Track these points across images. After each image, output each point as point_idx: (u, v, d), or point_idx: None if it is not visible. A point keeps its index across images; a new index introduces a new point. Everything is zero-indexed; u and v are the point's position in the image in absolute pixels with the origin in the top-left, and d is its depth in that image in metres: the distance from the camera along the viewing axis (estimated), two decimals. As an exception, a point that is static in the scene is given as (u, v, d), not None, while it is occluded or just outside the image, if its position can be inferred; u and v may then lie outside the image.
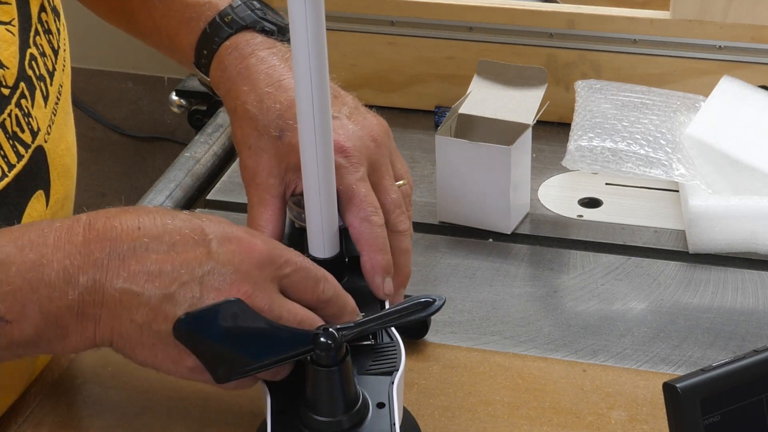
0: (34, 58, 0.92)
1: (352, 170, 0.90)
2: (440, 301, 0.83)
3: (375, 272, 0.89)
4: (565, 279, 1.13)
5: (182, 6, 1.02)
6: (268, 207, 0.92)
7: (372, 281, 0.89)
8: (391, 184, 0.93)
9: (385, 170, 0.93)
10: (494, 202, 1.18)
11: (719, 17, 1.29)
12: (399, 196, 0.93)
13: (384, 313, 0.83)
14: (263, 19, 1.00)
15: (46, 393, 0.97)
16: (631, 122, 1.21)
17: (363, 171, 0.91)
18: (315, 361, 0.81)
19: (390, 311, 0.83)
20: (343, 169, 0.90)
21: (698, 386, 0.74)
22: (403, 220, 0.93)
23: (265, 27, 1.01)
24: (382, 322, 0.83)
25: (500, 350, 1.03)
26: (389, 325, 0.84)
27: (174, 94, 1.50)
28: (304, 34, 0.78)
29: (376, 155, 0.93)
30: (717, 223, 1.13)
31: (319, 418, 0.82)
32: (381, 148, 0.93)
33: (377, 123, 0.95)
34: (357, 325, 0.82)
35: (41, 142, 0.91)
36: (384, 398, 0.84)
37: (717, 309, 1.08)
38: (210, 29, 0.99)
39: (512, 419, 0.94)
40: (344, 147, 0.91)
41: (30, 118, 0.90)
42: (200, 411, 0.95)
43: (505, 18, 1.34)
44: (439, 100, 1.37)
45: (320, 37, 0.79)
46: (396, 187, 0.94)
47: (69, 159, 0.97)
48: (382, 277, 0.89)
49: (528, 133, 1.18)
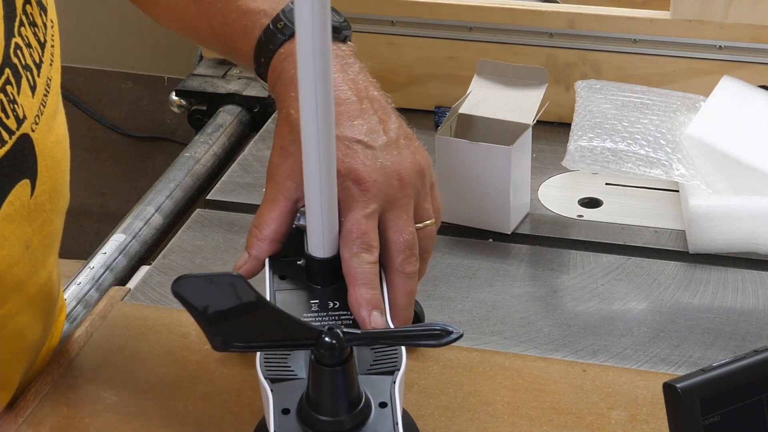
0: (20, 47, 0.91)
1: (362, 205, 0.89)
2: (457, 334, 0.81)
3: (360, 305, 0.87)
4: (565, 279, 1.13)
5: (239, 14, 1.02)
6: (276, 206, 0.91)
7: (357, 314, 0.88)
8: (407, 224, 0.91)
9: (404, 209, 0.91)
10: (494, 202, 1.18)
11: (719, 17, 1.29)
12: (413, 237, 0.91)
13: (395, 331, 0.82)
14: None
15: (46, 393, 0.97)
16: (631, 122, 1.21)
17: (374, 208, 0.90)
18: (319, 360, 0.81)
19: (401, 330, 0.82)
20: (353, 201, 0.89)
21: (698, 386, 0.74)
22: (412, 261, 0.91)
23: None
24: (390, 338, 0.82)
25: (500, 350, 1.03)
26: (397, 343, 0.83)
27: (174, 94, 1.50)
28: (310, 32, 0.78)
29: (396, 193, 0.91)
30: (717, 223, 1.13)
31: (321, 417, 0.82)
32: (405, 187, 0.91)
33: (411, 161, 0.93)
34: (364, 334, 0.82)
35: (27, 131, 0.91)
36: (386, 398, 0.84)
37: (717, 309, 1.08)
38: (264, 37, 0.98)
39: (512, 419, 0.94)
40: (362, 179, 0.89)
41: (15, 105, 0.90)
42: (200, 411, 0.95)
43: (505, 18, 1.34)
44: (439, 100, 1.37)
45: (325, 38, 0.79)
46: (412, 228, 0.92)
47: (59, 153, 0.97)
48: (368, 311, 0.87)
49: (528, 133, 1.18)
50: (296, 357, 0.87)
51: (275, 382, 0.85)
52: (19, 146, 0.90)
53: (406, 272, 0.91)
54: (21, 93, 0.91)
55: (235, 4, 1.03)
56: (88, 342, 1.02)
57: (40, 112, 0.93)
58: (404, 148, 0.93)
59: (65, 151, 1.00)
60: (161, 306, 1.08)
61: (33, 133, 0.92)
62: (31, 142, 0.92)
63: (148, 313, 1.06)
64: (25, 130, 0.91)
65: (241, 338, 0.81)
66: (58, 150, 0.97)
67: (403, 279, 0.91)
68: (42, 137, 0.93)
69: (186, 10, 1.07)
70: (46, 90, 0.94)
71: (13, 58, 0.90)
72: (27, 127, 0.91)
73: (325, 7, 0.77)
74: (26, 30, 0.93)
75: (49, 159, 0.94)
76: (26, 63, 0.92)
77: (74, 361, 1.01)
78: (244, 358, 0.99)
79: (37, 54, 0.93)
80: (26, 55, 0.92)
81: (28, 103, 0.92)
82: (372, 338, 0.82)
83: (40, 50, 0.94)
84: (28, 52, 0.92)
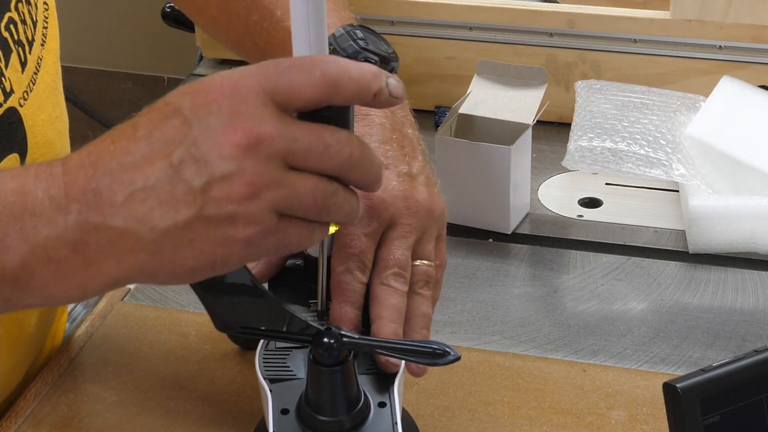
0: (14, 22, 0.91)
1: (365, 221, 0.87)
2: (454, 356, 0.80)
3: (339, 323, 0.86)
4: (565, 279, 1.13)
5: (285, 35, 1.02)
6: None
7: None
8: (402, 247, 0.89)
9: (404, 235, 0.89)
10: (494, 202, 1.18)
11: (719, 17, 1.29)
12: (406, 261, 0.88)
13: (392, 342, 0.82)
14: (365, 50, 1.00)
15: (46, 393, 0.97)
16: (631, 122, 1.21)
17: (375, 227, 0.88)
18: (317, 360, 0.81)
19: (399, 343, 0.82)
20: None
21: (698, 386, 0.74)
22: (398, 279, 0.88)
23: (369, 58, 1.00)
24: (386, 348, 0.82)
25: (500, 350, 1.03)
26: (392, 355, 0.82)
27: (174, 94, 1.50)
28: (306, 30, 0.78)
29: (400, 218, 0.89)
30: (717, 223, 1.13)
31: (320, 417, 0.82)
32: (411, 216, 0.89)
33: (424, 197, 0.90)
34: (360, 340, 0.81)
35: (14, 104, 0.91)
36: (385, 398, 0.84)
37: (717, 309, 1.08)
38: None
39: (512, 419, 0.94)
40: (370, 195, 0.87)
41: (2, 78, 0.90)
42: (200, 411, 0.95)
43: (505, 18, 1.34)
44: (439, 100, 1.37)
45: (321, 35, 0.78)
46: (407, 254, 0.89)
47: (52, 133, 0.97)
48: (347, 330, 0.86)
49: (528, 133, 1.18)
50: (295, 357, 0.87)
51: (274, 382, 0.85)
52: (6, 119, 0.90)
53: (391, 285, 0.87)
54: (9, 67, 0.90)
55: (281, 25, 1.03)
56: (88, 342, 1.02)
57: (29, 88, 0.93)
58: (422, 185, 0.92)
59: (59, 133, 0.99)
60: (161, 306, 1.08)
61: (21, 108, 0.92)
62: (19, 116, 0.92)
63: (148, 313, 1.06)
64: (12, 104, 0.91)
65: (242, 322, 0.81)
66: (50, 130, 0.96)
67: (386, 291, 0.87)
68: (31, 113, 0.93)
69: (231, 25, 1.07)
70: (37, 68, 0.94)
71: (4, 32, 0.90)
72: (14, 101, 0.91)
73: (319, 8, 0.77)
74: (23, 6, 0.93)
75: (39, 137, 0.94)
76: (18, 38, 0.92)
77: (74, 361, 1.01)
78: (244, 359, 0.99)
79: (30, 32, 0.93)
80: (20, 31, 0.92)
81: (16, 77, 0.91)
82: (368, 346, 0.82)
83: (33, 28, 0.94)
84: (22, 28, 0.92)
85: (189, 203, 0.70)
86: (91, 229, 0.71)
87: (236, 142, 0.70)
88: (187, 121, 0.71)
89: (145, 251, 0.71)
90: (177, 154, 0.71)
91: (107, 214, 0.71)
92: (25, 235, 0.72)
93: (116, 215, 0.71)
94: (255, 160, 0.70)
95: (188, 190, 0.70)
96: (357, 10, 1.37)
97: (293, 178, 0.71)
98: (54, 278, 0.73)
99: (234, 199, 0.71)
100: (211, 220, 0.71)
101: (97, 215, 0.71)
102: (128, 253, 0.72)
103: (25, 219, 0.72)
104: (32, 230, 0.72)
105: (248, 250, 0.72)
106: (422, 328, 0.89)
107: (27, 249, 0.72)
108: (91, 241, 0.71)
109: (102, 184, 0.71)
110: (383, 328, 0.86)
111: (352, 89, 0.73)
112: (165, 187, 0.71)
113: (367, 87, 0.73)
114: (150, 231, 0.71)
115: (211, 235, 0.71)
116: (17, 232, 0.72)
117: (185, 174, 0.70)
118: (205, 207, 0.71)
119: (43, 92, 0.95)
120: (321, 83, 0.72)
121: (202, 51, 1.53)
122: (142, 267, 0.72)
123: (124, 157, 0.72)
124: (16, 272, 0.72)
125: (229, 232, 0.71)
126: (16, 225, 0.72)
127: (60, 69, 1.00)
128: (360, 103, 0.73)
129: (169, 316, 1.05)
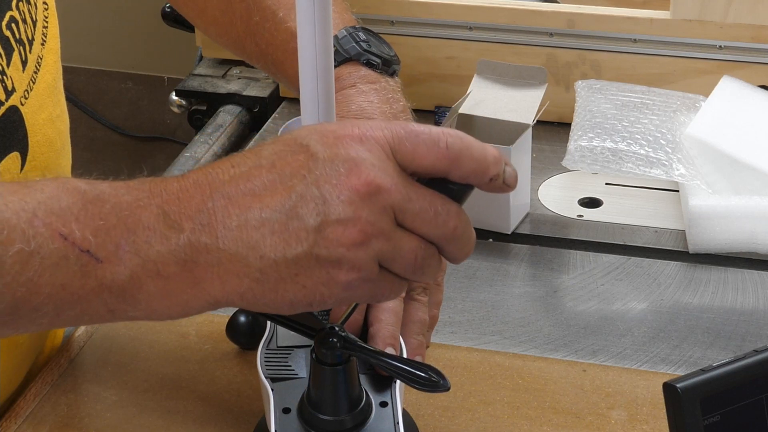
0: (15, 21, 0.91)
1: None
2: (444, 387, 0.80)
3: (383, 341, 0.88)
4: (565, 279, 1.13)
5: (288, 36, 1.02)
6: None
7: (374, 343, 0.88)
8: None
9: None
10: (494, 202, 1.18)
11: (719, 17, 1.29)
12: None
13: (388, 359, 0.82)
14: (367, 51, 1.00)
15: (46, 393, 0.97)
16: (631, 122, 1.21)
17: None
18: (320, 359, 0.81)
19: (396, 359, 0.82)
20: None
21: (698, 386, 0.74)
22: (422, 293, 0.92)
23: (371, 60, 1.00)
24: (383, 364, 0.82)
25: (500, 350, 1.03)
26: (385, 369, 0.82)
27: (174, 94, 1.50)
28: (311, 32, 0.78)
29: None
30: (717, 223, 1.13)
31: (322, 416, 0.82)
32: None
33: None
34: (358, 347, 0.82)
35: (16, 103, 0.91)
36: (387, 397, 0.84)
37: (717, 309, 1.08)
38: None
39: (512, 419, 0.94)
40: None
41: (5, 77, 0.90)
42: (200, 411, 0.95)
43: (505, 18, 1.34)
44: (439, 100, 1.37)
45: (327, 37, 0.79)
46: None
47: (52, 131, 0.97)
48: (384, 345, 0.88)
49: (528, 133, 1.18)
50: (297, 356, 0.87)
51: (276, 381, 0.85)
52: (8, 118, 0.90)
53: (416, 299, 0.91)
54: (11, 65, 0.91)
55: (283, 26, 1.03)
56: (88, 342, 1.02)
57: (30, 87, 0.93)
58: None
59: (59, 132, 0.99)
60: (161, 306, 1.08)
61: (22, 106, 0.92)
62: (21, 114, 0.92)
63: (148, 313, 1.06)
64: (13, 102, 0.91)
65: None
66: (50, 128, 0.96)
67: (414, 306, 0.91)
68: (32, 112, 0.93)
69: (232, 26, 1.07)
70: (37, 67, 0.94)
71: (5, 31, 0.90)
72: (16, 99, 0.91)
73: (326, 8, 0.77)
74: (24, 5, 0.93)
75: (40, 135, 0.94)
76: (20, 37, 0.92)
77: (74, 361, 1.01)
78: (244, 359, 0.99)
79: (30, 31, 0.94)
80: (21, 30, 0.92)
81: (17, 76, 0.92)
82: (365, 355, 0.82)
83: (33, 28, 0.94)
84: (23, 27, 0.92)
85: (301, 239, 0.72)
86: (202, 249, 0.72)
87: (357, 188, 0.72)
88: (314, 158, 0.72)
89: (250, 278, 0.72)
90: (298, 189, 0.72)
91: (220, 237, 0.72)
92: (137, 249, 0.73)
93: (228, 238, 0.72)
94: (371, 209, 0.72)
95: (303, 226, 0.72)
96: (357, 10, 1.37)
97: (401, 234, 0.73)
98: (160, 294, 0.74)
99: (345, 243, 0.72)
100: (320, 259, 0.72)
101: (209, 236, 0.72)
102: (234, 277, 0.73)
103: (138, 233, 0.73)
104: (144, 244, 0.73)
105: (346, 293, 0.74)
106: (417, 334, 0.90)
107: (138, 262, 0.73)
108: (201, 260, 0.73)
109: (218, 206, 0.72)
110: (381, 331, 0.87)
111: (471, 168, 0.74)
112: (280, 219, 0.72)
113: (486, 169, 0.74)
114: (259, 259, 0.72)
115: (316, 274, 0.72)
116: (130, 245, 0.73)
117: (302, 210, 0.72)
118: (315, 246, 0.72)
119: (43, 91, 0.95)
120: (443, 155, 0.73)
121: (202, 51, 1.53)
122: (244, 292, 0.73)
123: (244, 183, 0.73)
124: (124, 284, 0.73)
125: (333, 274, 0.73)
126: (129, 238, 0.73)
127: (61, 68, 1.00)
128: (474, 182, 0.75)
129: (169, 316, 1.05)
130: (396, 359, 0.81)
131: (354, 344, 0.81)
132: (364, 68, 1.00)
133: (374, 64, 1.01)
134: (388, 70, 1.02)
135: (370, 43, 1.01)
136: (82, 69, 2.55)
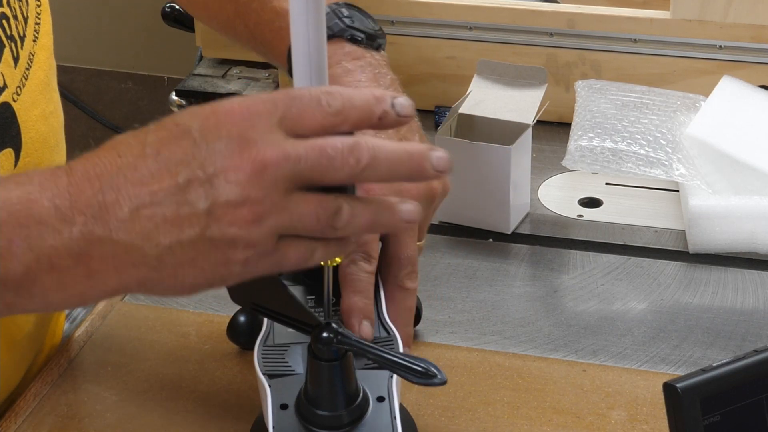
0: (6, 17, 0.92)
1: None
2: (440, 380, 0.80)
3: (351, 313, 0.87)
4: (565, 279, 1.13)
5: (273, 15, 1.02)
6: None
7: (347, 321, 0.88)
8: (412, 240, 0.91)
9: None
10: (494, 202, 1.18)
11: (719, 17, 1.29)
12: (416, 254, 0.92)
13: (384, 353, 0.82)
14: (351, 27, 0.99)
15: (46, 393, 0.97)
16: (631, 122, 1.21)
17: None
18: (316, 355, 0.81)
19: (391, 355, 0.82)
20: None
21: (698, 386, 0.74)
22: (413, 278, 0.92)
23: (355, 36, 1.00)
24: (378, 357, 0.82)
25: (500, 350, 1.03)
26: (381, 364, 0.82)
27: (174, 94, 1.50)
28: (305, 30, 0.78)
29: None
30: (717, 223, 1.13)
31: (320, 412, 0.82)
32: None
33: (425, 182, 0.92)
34: (355, 342, 0.82)
35: (8, 99, 0.91)
36: (384, 392, 0.85)
37: (717, 309, 1.08)
38: None
39: (512, 419, 0.94)
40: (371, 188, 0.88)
41: None
42: (200, 411, 0.95)
43: (505, 18, 1.34)
44: (439, 100, 1.37)
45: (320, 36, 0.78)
46: (415, 244, 0.92)
47: (45, 128, 0.97)
48: (359, 319, 0.87)
49: (528, 133, 1.18)
50: (294, 353, 0.87)
51: (273, 377, 0.85)
52: (1, 114, 0.90)
53: (407, 287, 0.91)
54: (2, 62, 0.91)
55: (270, 5, 1.03)
56: (88, 342, 1.03)
57: (22, 84, 0.93)
58: None
59: (53, 129, 0.99)
60: (161, 306, 1.08)
61: (14, 103, 0.92)
62: (13, 111, 0.92)
63: (148, 313, 1.06)
64: (5, 99, 0.91)
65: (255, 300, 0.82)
66: (43, 125, 0.96)
67: (403, 294, 0.91)
68: (24, 109, 0.93)
69: (222, 9, 1.07)
70: (29, 64, 0.95)
71: None
72: (8, 96, 0.91)
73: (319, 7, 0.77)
74: (15, 2, 0.93)
75: (33, 132, 0.94)
76: (11, 34, 0.92)
77: (74, 361, 1.01)
78: (244, 359, 0.99)
79: (22, 27, 0.94)
80: (12, 26, 0.92)
81: (9, 72, 0.92)
82: (361, 349, 0.82)
83: (24, 24, 0.94)
84: (14, 23, 0.92)
85: (193, 224, 0.72)
86: (95, 241, 0.72)
87: (242, 168, 0.71)
88: (196, 144, 0.72)
89: (147, 266, 0.73)
90: (184, 174, 0.72)
91: (113, 228, 0.72)
92: (30, 243, 0.73)
93: (121, 230, 0.72)
94: (259, 187, 0.72)
95: (193, 211, 0.72)
96: (357, 10, 1.37)
97: (296, 201, 0.72)
98: (56, 286, 0.74)
99: (236, 223, 0.72)
100: (213, 241, 0.72)
101: (102, 228, 0.72)
102: (130, 267, 0.73)
103: (30, 227, 0.73)
104: (37, 239, 0.73)
105: (245, 270, 0.74)
106: (406, 325, 0.91)
107: (32, 257, 0.73)
108: (95, 253, 0.73)
109: (108, 198, 0.72)
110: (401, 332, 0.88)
111: (357, 116, 0.74)
112: (171, 206, 0.72)
113: (370, 112, 0.74)
114: (154, 247, 0.72)
115: (212, 256, 0.73)
116: (22, 240, 0.73)
117: (191, 195, 0.72)
118: (208, 229, 0.72)
119: (36, 88, 0.95)
120: (328, 113, 0.73)
121: (202, 51, 1.53)
122: (142, 280, 0.73)
123: (131, 173, 0.73)
124: (19, 279, 0.73)
125: (229, 254, 0.73)
126: (22, 233, 0.73)
127: (54, 65, 1.00)
128: (368, 127, 0.74)
129: (169, 316, 1.05)
130: (391, 353, 0.82)
131: (350, 339, 0.81)
132: (349, 44, 1.00)
133: (359, 39, 1.00)
134: (372, 44, 1.01)
135: (353, 18, 1.01)
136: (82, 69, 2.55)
